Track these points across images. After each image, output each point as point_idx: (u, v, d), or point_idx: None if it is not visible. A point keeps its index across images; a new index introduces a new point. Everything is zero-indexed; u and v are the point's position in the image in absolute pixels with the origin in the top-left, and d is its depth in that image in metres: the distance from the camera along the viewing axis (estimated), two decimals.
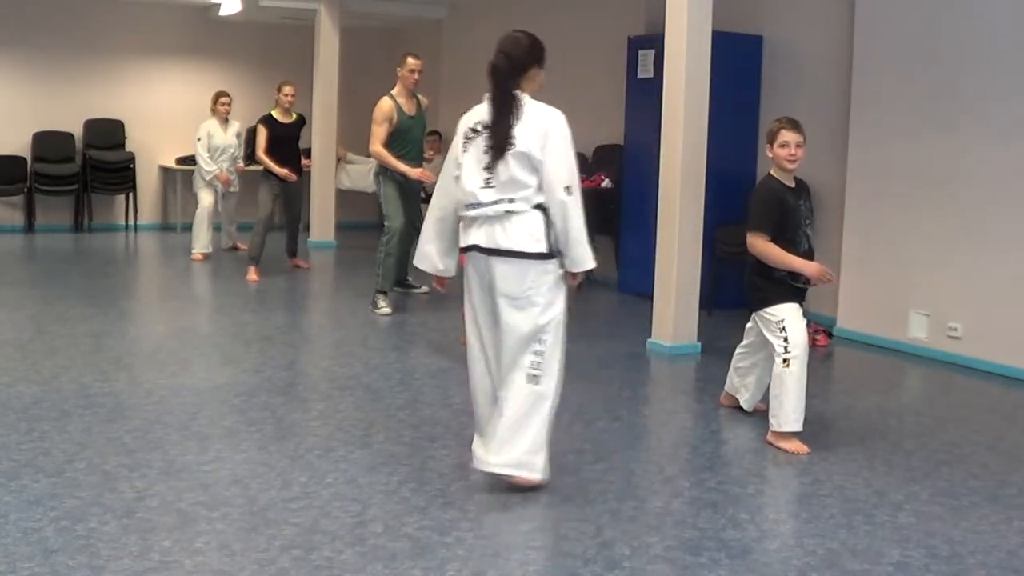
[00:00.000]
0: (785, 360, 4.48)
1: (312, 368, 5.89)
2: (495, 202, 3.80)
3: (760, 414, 4.88)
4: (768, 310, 4.59)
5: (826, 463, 4.34)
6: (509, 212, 3.78)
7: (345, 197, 11.92)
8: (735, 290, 7.79)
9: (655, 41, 7.58)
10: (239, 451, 4.23)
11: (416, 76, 7.40)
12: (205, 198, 9.90)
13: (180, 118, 12.06)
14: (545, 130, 3.80)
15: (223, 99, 9.97)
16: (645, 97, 7.78)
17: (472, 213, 3.83)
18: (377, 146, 7.25)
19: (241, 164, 10.13)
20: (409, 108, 7.40)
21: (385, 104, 7.30)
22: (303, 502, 3.68)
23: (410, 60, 7.41)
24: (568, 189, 3.76)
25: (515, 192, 3.76)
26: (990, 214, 6.12)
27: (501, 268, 3.80)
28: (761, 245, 4.55)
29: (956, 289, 6.32)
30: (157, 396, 5.05)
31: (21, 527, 3.37)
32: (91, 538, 3.30)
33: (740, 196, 7.80)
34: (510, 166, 3.77)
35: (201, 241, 9.83)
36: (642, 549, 3.38)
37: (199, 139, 9.86)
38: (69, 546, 3.23)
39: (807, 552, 3.40)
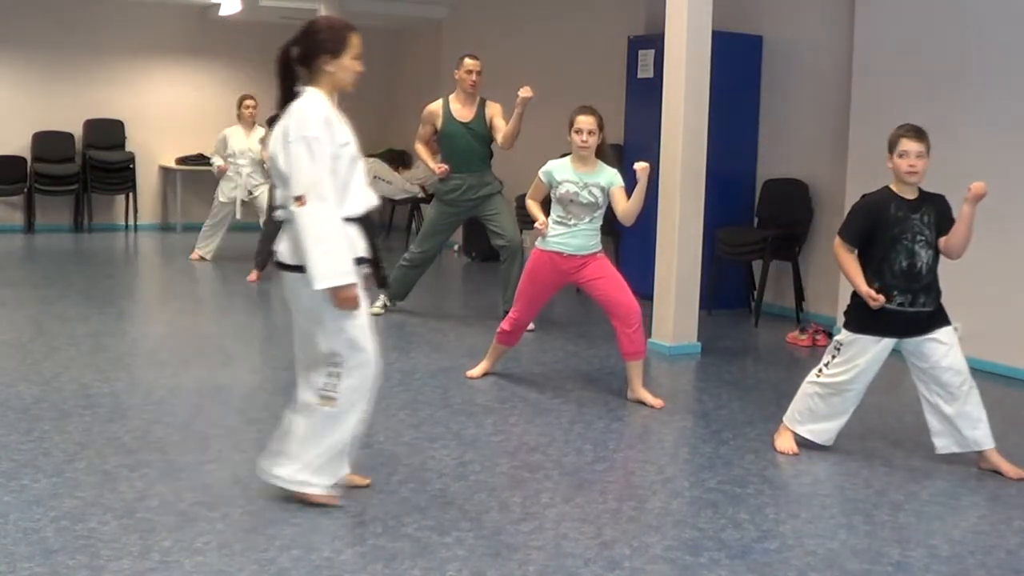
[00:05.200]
0: (818, 372, 4.37)
1: None
2: (279, 207, 3.55)
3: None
4: (844, 333, 4.32)
5: (826, 463, 4.34)
6: (286, 220, 3.49)
7: None
8: (735, 290, 7.85)
9: (655, 41, 7.57)
10: (239, 451, 4.22)
11: (474, 78, 6.81)
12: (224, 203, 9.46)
13: (180, 118, 12.07)
14: (284, 130, 3.37)
15: (247, 102, 9.42)
16: (645, 97, 7.78)
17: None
18: (416, 143, 7.20)
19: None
20: (463, 114, 6.90)
21: (430, 105, 7.07)
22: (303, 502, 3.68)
23: (467, 61, 6.86)
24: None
25: (284, 199, 3.47)
26: (990, 214, 6.10)
27: (283, 278, 3.62)
28: (838, 251, 4.34)
29: (956, 289, 6.30)
30: (157, 396, 5.05)
31: (21, 527, 3.37)
32: (91, 538, 3.30)
33: (740, 196, 7.87)
34: (274, 171, 3.49)
35: (203, 243, 9.65)
36: (642, 549, 3.38)
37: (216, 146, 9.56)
38: (69, 546, 3.23)
39: (807, 552, 3.40)
